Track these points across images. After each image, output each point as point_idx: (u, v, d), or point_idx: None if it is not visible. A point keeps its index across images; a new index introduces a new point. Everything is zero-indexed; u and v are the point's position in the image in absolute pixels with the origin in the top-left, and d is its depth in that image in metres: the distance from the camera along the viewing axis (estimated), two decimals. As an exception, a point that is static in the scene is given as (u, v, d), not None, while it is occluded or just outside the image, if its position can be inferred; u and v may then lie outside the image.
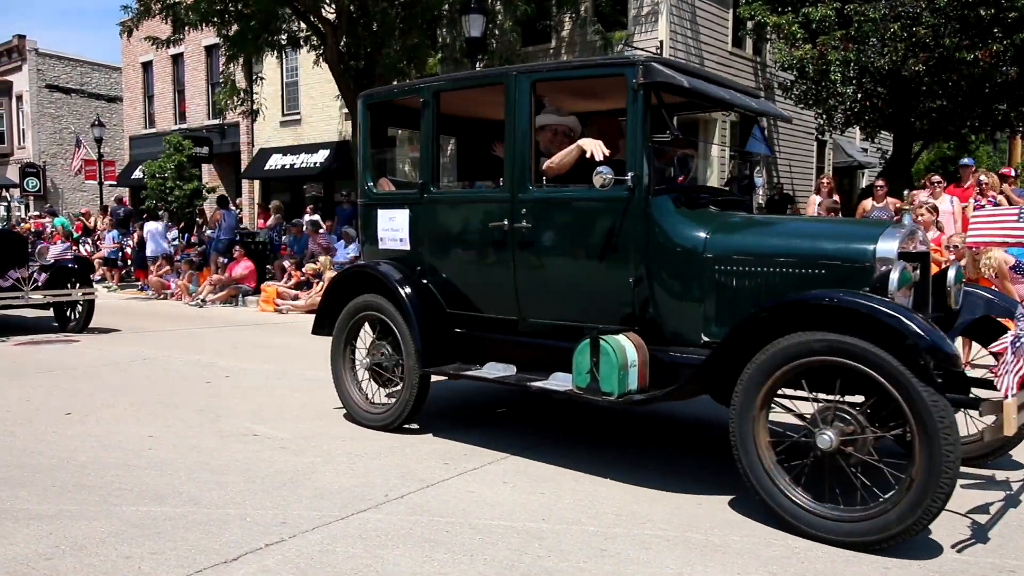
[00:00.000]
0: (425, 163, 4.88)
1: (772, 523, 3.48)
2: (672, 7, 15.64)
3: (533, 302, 4.45)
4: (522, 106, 4.35)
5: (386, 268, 4.95)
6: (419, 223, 4.93)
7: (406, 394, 4.85)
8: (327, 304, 5.44)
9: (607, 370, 3.84)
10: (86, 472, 4.27)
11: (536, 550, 3.22)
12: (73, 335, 10.03)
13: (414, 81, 5.11)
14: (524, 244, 4.38)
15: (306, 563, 3.09)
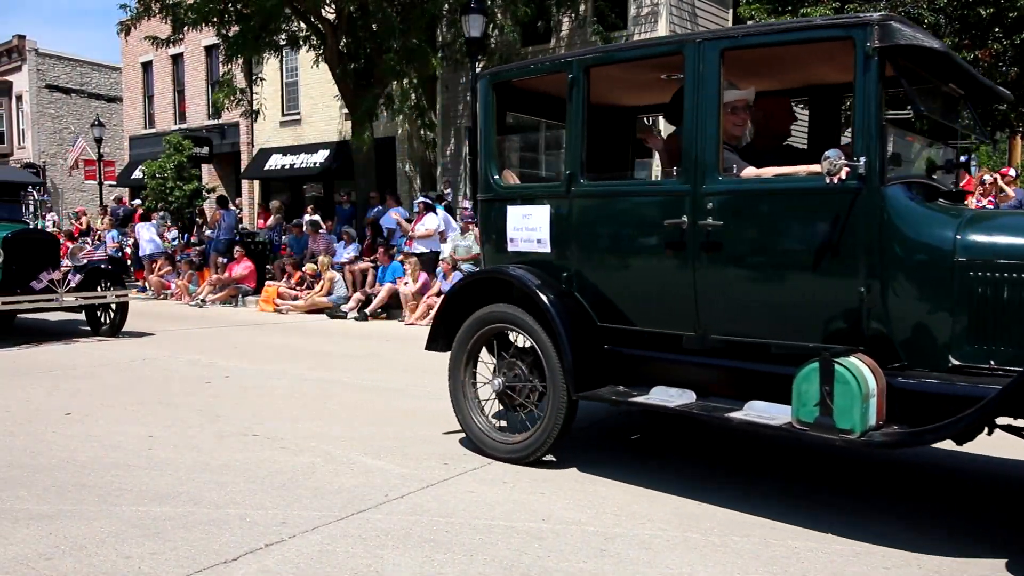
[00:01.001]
0: (573, 151, 4.21)
1: (773, 522, 3.49)
2: (672, 7, 15.63)
3: (719, 315, 3.75)
4: (708, 80, 3.69)
5: (523, 274, 4.27)
6: (564, 221, 4.25)
7: (549, 423, 4.14)
8: (444, 316, 4.73)
9: (846, 402, 3.14)
10: (86, 472, 4.27)
11: (536, 550, 3.22)
12: (107, 339, 9.83)
13: (555, 56, 4.46)
14: (710, 245, 3.69)
15: (306, 563, 3.09)
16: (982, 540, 3.34)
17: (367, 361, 8.13)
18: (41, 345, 9.23)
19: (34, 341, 9.54)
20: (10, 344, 9.16)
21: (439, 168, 19.16)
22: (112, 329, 10.06)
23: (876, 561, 3.12)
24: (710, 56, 3.69)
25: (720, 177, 3.70)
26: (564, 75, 4.24)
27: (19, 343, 9.30)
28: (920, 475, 4.25)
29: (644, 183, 4.31)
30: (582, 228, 4.21)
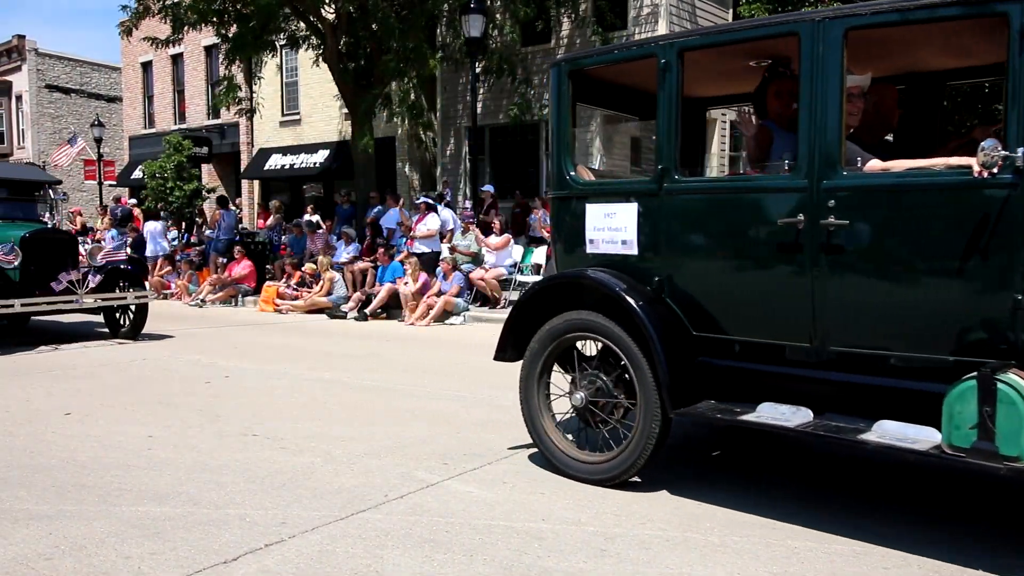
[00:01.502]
0: (666, 144, 3.85)
1: (773, 522, 3.49)
2: (671, 7, 15.64)
3: (840, 324, 3.40)
4: (829, 64, 3.34)
5: (608, 278, 3.92)
6: (655, 220, 3.91)
7: (640, 442, 3.79)
8: (516, 323, 4.35)
9: (1012, 425, 2.80)
10: (86, 472, 4.27)
11: (536, 550, 3.22)
12: (126, 341, 9.64)
13: (642, 40, 4.09)
14: (832, 247, 3.34)
15: (306, 563, 3.09)
16: (982, 540, 3.34)
17: (367, 361, 8.13)
18: (61, 347, 9.04)
19: (52, 343, 9.37)
20: (28, 346, 9.01)
21: (439, 168, 19.16)
22: (131, 331, 9.82)
23: (876, 561, 3.12)
24: (832, 36, 3.33)
25: (844, 172, 3.35)
26: (652, 61, 3.88)
27: (36, 345, 9.13)
28: (920, 475, 4.24)
29: (753, 179, 3.88)
30: (676, 228, 3.87)
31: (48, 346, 9.11)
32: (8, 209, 10.23)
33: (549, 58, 17.13)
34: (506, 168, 18.30)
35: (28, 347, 8.98)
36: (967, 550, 3.22)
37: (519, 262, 12.29)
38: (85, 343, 9.51)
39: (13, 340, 9.38)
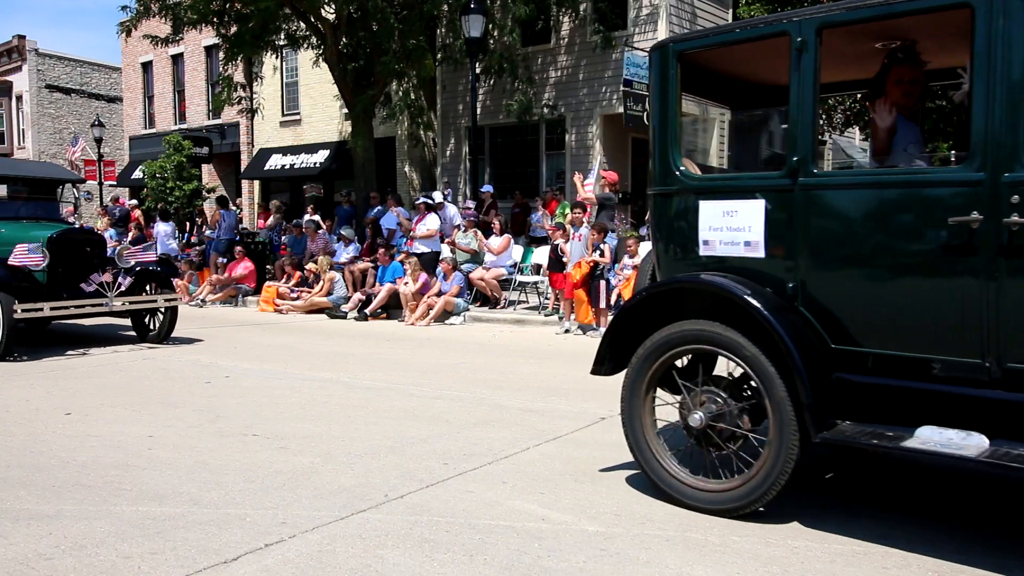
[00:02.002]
0: (801, 133, 3.45)
1: (773, 523, 3.49)
2: (671, 7, 15.64)
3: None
4: (1014, 37, 2.91)
5: (733, 284, 3.52)
6: (787, 219, 3.49)
7: (774, 467, 3.38)
8: (617, 333, 3.97)
9: None
10: (86, 472, 4.27)
11: (536, 550, 3.22)
12: (156, 345, 9.28)
13: (769, 17, 3.75)
14: (1015, 250, 2.94)
15: (306, 563, 3.09)
16: (982, 540, 3.34)
17: (367, 361, 8.13)
18: (90, 352, 8.74)
19: (75, 346, 9.09)
20: (56, 350, 8.74)
21: (439, 168, 19.16)
22: (160, 335, 9.41)
23: (876, 561, 3.12)
24: (1015, 5, 2.92)
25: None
26: (774, 42, 3.52)
27: (63, 349, 8.82)
28: (920, 475, 4.24)
29: (913, 172, 3.42)
30: (815, 227, 3.44)
31: (76, 350, 8.79)
32: (31, 209, 9.99)
33: (549, 58, 17.17)
34: (506, 168, 18.31)
35: (56, 350, 8.69)
36: (967, 550, 3.22)
37: (519, 262, 12.29)
38: (114, 347, 9.13)
39: (38, 343, 9.13)
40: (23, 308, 8.10)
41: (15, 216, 9.62)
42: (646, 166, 17.02)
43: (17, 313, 8.02)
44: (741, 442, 3.63)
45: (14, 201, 9.93)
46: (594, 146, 16.53)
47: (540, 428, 5.22)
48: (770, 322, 3.34)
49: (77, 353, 8.60)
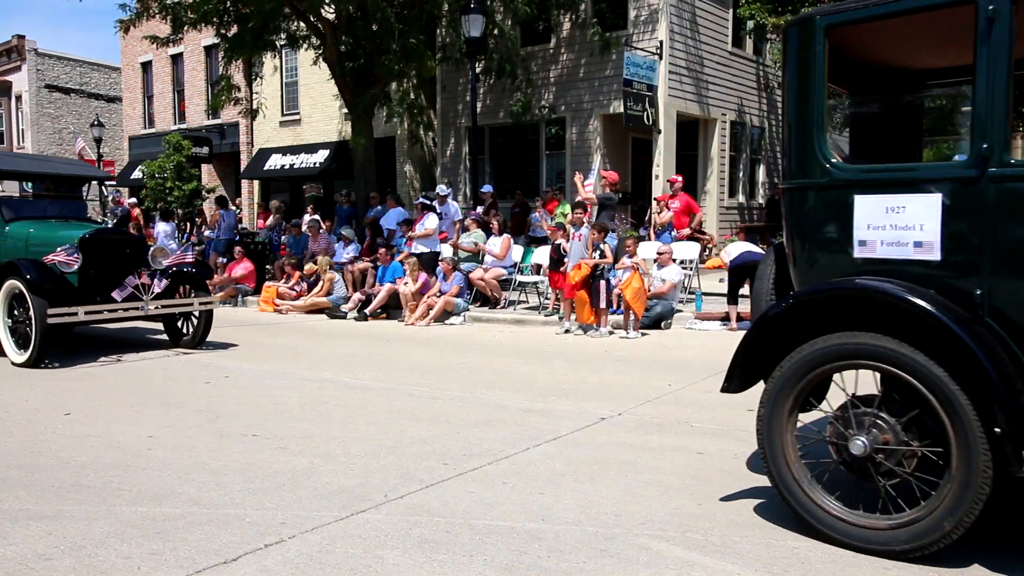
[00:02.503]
0: (991, 118, 3.02)
1: (773, 523, 3.49)
2: (672, 7, 15.65)
3: None
4: None
5: (912, 292, 3.08)
6: (972, 216, 3.08)
7: (961, 505, 2.97)
8: (755, 346, 3.54)
9: None
10: (86, 472, 4.27)
11: (536, 550, 3.22)
12: (188, 351, 8.81)
13: None
14: None
15: (306, 563, 3.09)
16: (982, 540, 3.33)
17: (367, 361, 8.12)
18: (123, 358, 8.26)
19: (103, 351, 8.64)
20: (87, 357, 8.23)
21: (439, 168, 19.17)
22: (194, 340, 8.94)
23: (876, 562, 3.11)
24: None
25: None
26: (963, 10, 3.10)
27: (95, 355, 8.36)
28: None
29: None
30: (1007, 225, 3.00)
31: (109, 356, 8.34)
32: (57, 208, 9.41)
33: (549, 58, 17.17)
34: (506, 168, 18.31)
35: (87, 358, 8.18)
36: (968, 550, 3.22)
37: (519, 262, 12.29)
38: (144, 353, 8.64)
39: (67, 349, 8.58)
40: (57, 312, 7.59)
41: (42, 215, 9.13)
42: (646, 166, 17.06)
43: (51, 318, 7.55)
44: (909, 473, 3.17)
45: (40, 200, 9.31)
46: (594, 146, 16.53)
47: (540, 428, 5.22)
48: (962, 337, 2.91)
49: (111, 360, 8.16)
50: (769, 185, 19.62)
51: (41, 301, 7.60)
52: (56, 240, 8.26)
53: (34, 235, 8.54)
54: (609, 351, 8.53)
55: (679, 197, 12.56)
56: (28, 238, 8.51)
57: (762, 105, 19.29)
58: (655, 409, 5.75)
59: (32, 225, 8.74)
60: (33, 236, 8.52)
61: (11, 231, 8.61)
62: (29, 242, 8.45)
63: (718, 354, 8.11)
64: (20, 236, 8.55)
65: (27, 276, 7.61)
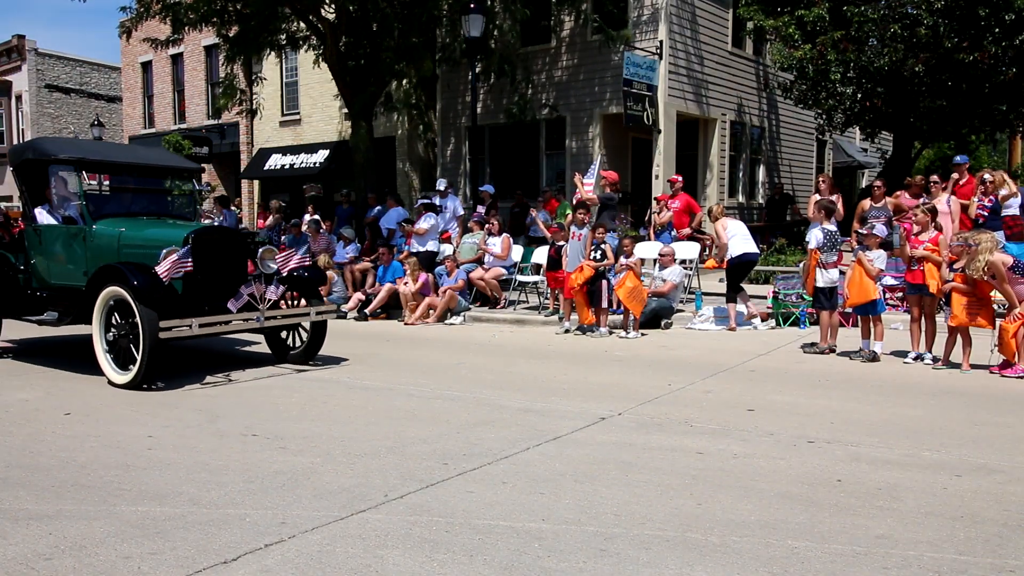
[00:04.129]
0: None
1: (773, 523, 3.49)
2: (672, 7, 15.65)
3: None
4: None
5: None
6: None
7: None
8: None
9: None
10: (86, 472, 4.27)
11: (536, 550, 3.22)
12: (301, 367, 7.67)
13: None
14: None
15: (306, 563, 3.09)
16: (982, 540, 3.34)
17: (367, 361, 8.12)
18: (233, 376, 7.14)
19: (213, 370, 7.43)
20: (190, 377, 7.05)
21: (439, 168, 19.16)
22: (305, 354, 7.84)
23: (876, 562, 3.11)
24: None
25: None
26: None
27: (199, 374, 7.19)
28: (919, 475, 4.24)
29: None
30: None
31: (216, 375, 7.19)
32: (144, 203, 8.17)
33: (550, 58, 17.16)
34: (506, 168, 18.31)
35: (190, 377, 7.05)
36: (968, 550, 3.22)
37: (519, 262, 12.29)
38: (253, 371, 7.48)
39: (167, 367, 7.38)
40: (169, 326, 6.53)
41: (125, 212, 7.82)
42: (646, 166, 17.06)
43: (163, 332, 6.48)
44: None
45: (120, 194, 7.87)
46: (594, 146, 16.53)
47: (540, 428, 5.22)
48: None
49: (219, 379, 7.04)
50: (769, 185, 19.62)
51: (151, 312, 6.46)
52: (155, 240, 7.07)
53: (127, 235, 7.29)
54: (609, 351, 8.53)
55: (679, 197, 12.56)
56: (120, 239, 7.25)
57: (762, 105, 19.29)
58: (655, 409, 5.75)
59: (122, 223, 7.47)
60: (126, 236, 7.27)
61: (99, 231, 7.36)
62: (121, 243, 7.22)
63: (718, 354, 8.12)
64: (109, 236, 7.30)
65: (134, 282, 6.46)
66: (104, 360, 6.84)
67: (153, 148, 13.96)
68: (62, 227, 7.74)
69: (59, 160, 7.58)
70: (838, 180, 20.38)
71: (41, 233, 7.87)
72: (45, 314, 7.74)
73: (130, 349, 6.64)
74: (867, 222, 10.06)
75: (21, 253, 8.24)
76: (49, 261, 7.84)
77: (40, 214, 7.92)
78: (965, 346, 7.16)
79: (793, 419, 5.43)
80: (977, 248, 6.93)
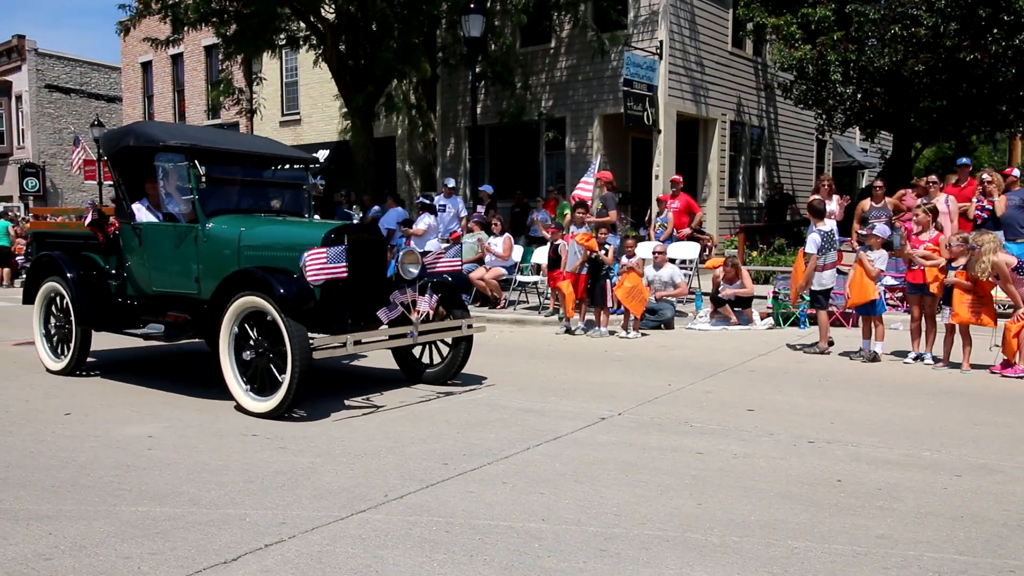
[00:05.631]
0: None
1: (773, 523, 3.49)
2: (672, 7, 15.64)
3: None
4: None
5: None
6: None
7: None
8: None
9: None
10: (86, 472, 4.27)
11: (536, 550, 3.22)
12: (454, 389, 6.49)
13: None
14: None
15: (306, 563, 3.09)
16: (982, 540, 3.33)
17: (367, 361, 8.12)
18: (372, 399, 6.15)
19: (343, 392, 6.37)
20: (334, 402, 5.96)
21: (439, 168, 19.17)
22: (447, 371, 6.66)
23: (876, 562, 3.11)
24: None
25: None
26: None
27: (339, 397, 6.14)
28: (919, 475, 4.24)
29: None
30: None
31: (356, 398, 6.18)
32: (260, 198, 7.15)
33: (549, 59, 17.16)
34: (506, 168, 18.31)
35: (331, 401, 5.98)
36: (968, 550, 3.22)
37: (519, 262, 12.28)
38: (391, 393, 6.38)
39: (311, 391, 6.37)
40: (323, 346, 5.57)
41: (233, 208, 6.65)
42: (646, 166, 17.06)
43: (316, 351, 5.46)
44: None
45: (226, 187, 6.74)
46: (593, 147, 16.53)
47: (540, 428, 5.22)
48: None
49: (363, 403, 6.00)
50: (769, 185, 19.62)
51: (300, 328, 5.38)
52: (287, 242, 5.99)
53: (250, 235, 6.15)
54: (609, 351, 8.53)
55: (679, 197, 12.57)
56: (240, 239, 6.12)
57: (762, 105, 19.29)
58: (655, 409, 5.75)
59: (241, 222, 6.34)
60: (248, 237, 6.13)
61: (214, 230, 6.25)
62: (243, 244, 6.09)
63: (718, 354, 8.12)
64: (228, 237, 6.19)
65: (280, 291, 5.37)
66: (236, 384, 5.67)
67: (257, 136, 12.67)
68: (168, 226, 6.55)
69: (168, 148, 6.38)
70: (838, 180, 20.37)
71: (142, 233, 6.68)
72: (148, 327, 6.67)
73: (269, 371, 5.53)
74: (867, 222, 10.07)
75: (113, 255, 7.10)
76: (150, 265, 6.67)
77: (139, 211, 6.85)
78: (965, 345, 7.16)
79: (793, 419, 5.43)
80: (981, 249, 6.94)
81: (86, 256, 7.23)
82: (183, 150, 6.33)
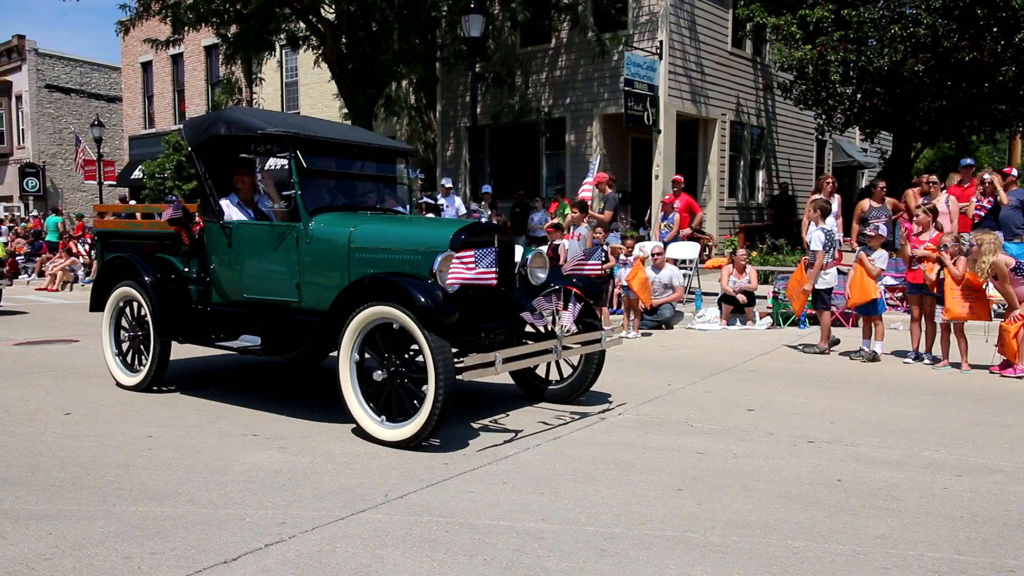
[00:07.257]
0: None
1: (773, 523, 3.49)
2: (672, 8, 15.64)
3: None
4: None
5: None
6: None
7: None
8: None
9: None
10: (86, 472, 4.27)
11: (536, 550, 3.22)
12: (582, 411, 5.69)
13: None
14: None
15: (306, 563, 3.09)
16: (982, 540, 3.34)
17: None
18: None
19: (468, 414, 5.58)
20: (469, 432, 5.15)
21: (439, 168, 19.17)
22: (575, 386, 5.93)
23: (876, 562, 3.11)
24: None
25: None
26: None
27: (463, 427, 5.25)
28: (919, 475, 4.24)
29: None
30: None
31: (480, 419, 5.46)
32: (360, 194, 6.48)
33: (548, 59, 17.16)
34: (506, 168, 18.31)
35: (465, 430, 5.17)
36: (968, 550, 3.22)
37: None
38: (518, 412, 5.70)
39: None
40: (469, 365, 4.67)
41: (330, 205, 5.95)
42: (646, 166, 17.06)
43: (462, 371, 4.65)
44: None
45: (323, 181, 6.15)
46: (593, 147, 16.53)
47: (540, 428, 5.22)
48: None
49: (497, 428, 5.26)
50: (769, 185, 19.62)
51: (443, 344, 4.60)
52: (409, 243, 5.23)
53: (362, 235, 5.36)
54: (609, 350, 8.51)
55: (680, 197, 12.57)
56: (351, 240, 5.35)
57: (762, 105, 19.29)
58: (655, 409, 5.75)
59: (349, 220, 5.59)
60: (361, 237, 5.35)
61: (318, 229, 5.50)
62: (353, 246, 5.33)
63: (718, 354, 8.12)
64: (335, 237, 5.42)
65: (420, 300, 4.56)
66: (361, 408, 4.86)
67: (353, 126, 11.44)
68: (265, 225, 5.91)
69: (268, 136, 5.78)
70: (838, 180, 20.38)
71: (232, 233, 5.97)
72: (241, 338, 5.94)
73: (400, 393, 4.77)
74: (868, 222, 10.06)
75: (194, 258, 6.29)
76: (242, 269, 5.90)
77: (228, 208, 6.18)
78: (960, 343, 7.15)
79: (793, 419, 5.43)
80: (980, 249, 6.94)
81: (162, 258, 6.44)
82: (286, 139, 5.72)
